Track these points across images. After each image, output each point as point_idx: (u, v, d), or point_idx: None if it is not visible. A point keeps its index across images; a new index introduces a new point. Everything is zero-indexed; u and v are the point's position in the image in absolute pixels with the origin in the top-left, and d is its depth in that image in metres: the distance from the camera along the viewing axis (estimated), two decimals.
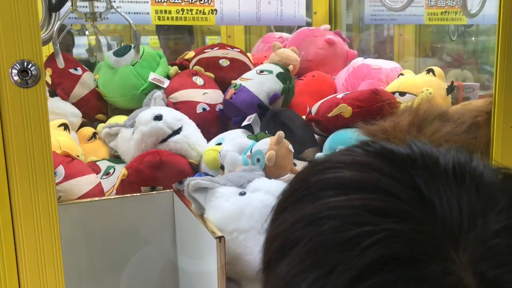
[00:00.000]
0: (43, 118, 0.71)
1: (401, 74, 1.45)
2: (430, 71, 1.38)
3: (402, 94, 1.33)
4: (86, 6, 1.29)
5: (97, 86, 1.45)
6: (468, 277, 0.27)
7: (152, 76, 1.38)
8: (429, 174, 0.31)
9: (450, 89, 1.31)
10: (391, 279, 0.27)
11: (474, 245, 0.28)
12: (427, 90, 1.29)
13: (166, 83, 1.38)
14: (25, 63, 0.69)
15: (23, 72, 0.69)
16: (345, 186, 0.32)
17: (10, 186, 0.70)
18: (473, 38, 3.09)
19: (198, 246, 1.01)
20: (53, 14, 1.09)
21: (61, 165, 1.09)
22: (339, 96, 1.27)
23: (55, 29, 0.79)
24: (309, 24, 1.87)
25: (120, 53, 1.42)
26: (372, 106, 1.19)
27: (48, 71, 1.34)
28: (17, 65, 0.69)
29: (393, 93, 1.31)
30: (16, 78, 0.69)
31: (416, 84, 1.33)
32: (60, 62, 1.13)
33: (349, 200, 0.31)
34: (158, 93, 1.32)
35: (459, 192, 0.30)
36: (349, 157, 0.35)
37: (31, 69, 0.70)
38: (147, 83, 1.38)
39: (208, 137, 1.31)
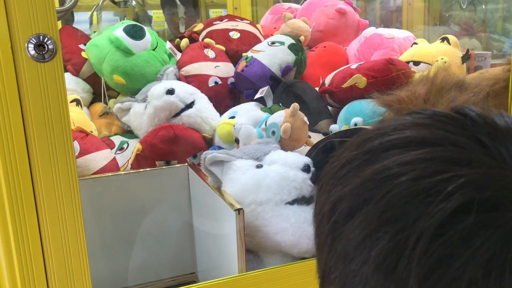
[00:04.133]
0: (61, 92, 0.71)
1: (415, 43, 1.43)
2: (444, 39, 1.35)
3: (416, 63, 1.31)
4: None
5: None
6: None
7: (168, 45, 1.35)
8: (493, 131, 0.32)
9: (465, 58, 1.29)
10: (479, 222, 0.28)
11: None
12: (442, 59, 1.27)
13: (178, 55, 1.36)
14: (41, 37, 0.68)
15: (39, 46, 0.68)
16: (413, 144, 0.32)
17: (31, 162, 0.70)
18: (483, 6, 3.03)
19: (216, 219, 1.01)
20: None
21: (75, 141, 1.09)
22: (353, 66, 1.25)
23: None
24: None
25: (136, 35, 1.30)
26: (387, 76, 1.17)
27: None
28: (33, 39, 0.68)
29: (407, 62, 1.29)
30: (32, 52, 0.68)
31: (430, 53, 1.31)
32: None
33: (420, 154, 0.31)
34: (171, 69, 1.30)
35: None
36: (408, 121, 0.35)
37: (48, 43, 0.69)
38: None
39: (220, 110, 1.30)
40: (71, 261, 0.75)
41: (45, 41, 0.68)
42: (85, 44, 1.37)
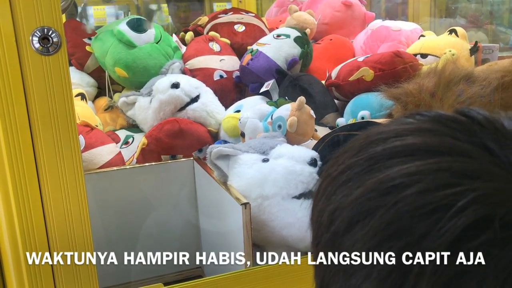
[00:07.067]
0: (66, 86, 0.70)
1: (422, 35, 1.41)
2: (452, 31, 1.33)
3: (423, 56, 1.29)
4: None
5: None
6: None
7: (174, 38, 1.35)
8: (502, 138, 0.30)
9: (474, 50, 1.28)
10: (493, 240, 0.26)
11: None
12: (450, 51, 1.26)
13: (183, 48, 1.35)
14: (46, 30, 0.67)
15: (44, 39, 0.68)
16: (418, 152, 0.30)
17: (36, 157, 0.70)
18: None
19: (222, 213, 1.01)
20: None
21: (81, 135, 1.09)
22: (360, 59, 1.23)
23: None
24: None
25: (139, 28, 1.29)
26: (394, 69, 1.16)
27: None
28: (38, 32, 0.67)
29: (415, 55, 1.28)
30: (37, 45, 0.67)
31: (438, 45, 1.30)
32: None
33: (427, 164, 0.29)
34: (177, 64, 1.29)
35: None
36: (412, 125, 0.33)
37: (52, 36, 0.68)
38: None
39: (226, 104, 1.29)
40: (77, 256, 0.75)
41: (49, 34, 0.68)
42: (89, 38, 1.36)
